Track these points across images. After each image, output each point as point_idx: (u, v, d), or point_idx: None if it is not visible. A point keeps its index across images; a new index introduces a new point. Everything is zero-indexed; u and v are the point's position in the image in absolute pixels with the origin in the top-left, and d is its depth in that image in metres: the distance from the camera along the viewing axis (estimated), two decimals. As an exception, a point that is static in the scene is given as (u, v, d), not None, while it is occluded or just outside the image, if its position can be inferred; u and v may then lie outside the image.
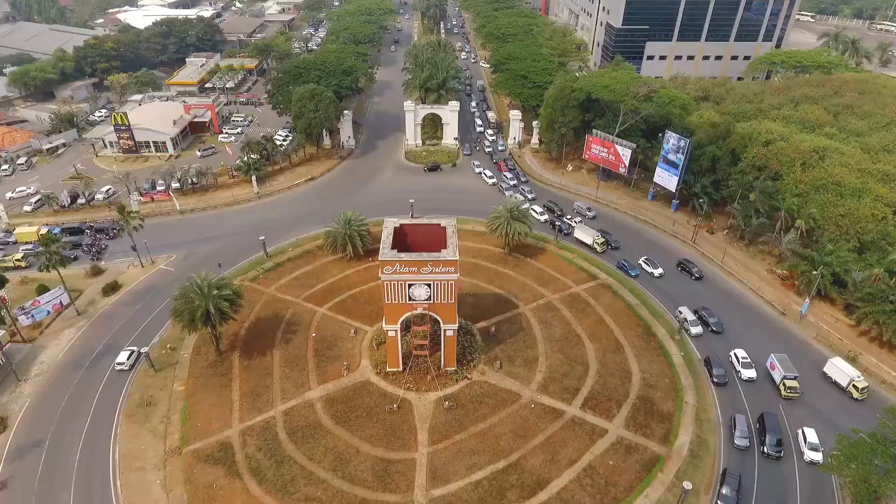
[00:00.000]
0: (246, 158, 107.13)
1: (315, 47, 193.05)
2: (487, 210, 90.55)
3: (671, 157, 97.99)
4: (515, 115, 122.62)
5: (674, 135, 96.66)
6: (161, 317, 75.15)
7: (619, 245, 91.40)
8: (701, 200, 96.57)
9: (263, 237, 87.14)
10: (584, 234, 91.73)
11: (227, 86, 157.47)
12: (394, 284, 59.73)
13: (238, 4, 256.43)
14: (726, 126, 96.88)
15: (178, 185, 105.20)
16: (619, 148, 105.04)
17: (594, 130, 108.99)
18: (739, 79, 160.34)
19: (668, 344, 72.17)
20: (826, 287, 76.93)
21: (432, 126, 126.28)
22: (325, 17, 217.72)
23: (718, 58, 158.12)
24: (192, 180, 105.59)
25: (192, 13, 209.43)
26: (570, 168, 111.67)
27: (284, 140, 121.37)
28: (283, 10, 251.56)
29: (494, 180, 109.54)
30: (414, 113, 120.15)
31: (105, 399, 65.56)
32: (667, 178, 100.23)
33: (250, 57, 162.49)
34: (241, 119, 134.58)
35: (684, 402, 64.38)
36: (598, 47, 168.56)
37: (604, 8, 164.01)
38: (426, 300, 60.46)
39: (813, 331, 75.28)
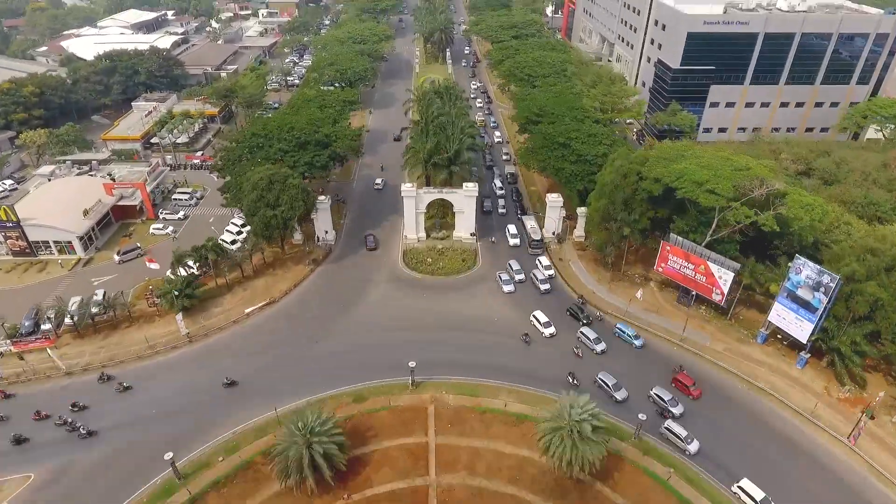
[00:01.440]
0: (175, 277, 74.47)
1: (297, 81, 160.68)
2: (529, 366, 62.32)
3: (804, 294, 65.01)
4: (554, 200, 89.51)
5: (812, 265, 63.78)
6: None
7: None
8: (849, 362, 63.72)
9: (171, 455, 53.79)
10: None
11: (179, 140, 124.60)
12: None
13: (214, 24, 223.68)
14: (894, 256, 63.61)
15: (72, 320, 72.25)
16: (713, 266, 72.27)
17: (671, 235, 76.43)
18: (823, 130, 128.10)
19: None
20: None
21: (440, 207, 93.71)
22: (310, 44, 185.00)
23: (799, 104, 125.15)
24: (92, 314, 72.62)
25: (153, 38, 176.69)
26: (640, 295, 78.39)
27: (239, 234, 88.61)
28: (266, 30, 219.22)
29: (552, 330, 73.07)
30: (416, 200, 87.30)
31: None
32: (793, 322, 67.22)
33: (210, 101, 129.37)
34: (186, 197, 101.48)
35: None
36: (643, 87, 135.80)
37: (652, 40, 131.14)
38: None
39: None
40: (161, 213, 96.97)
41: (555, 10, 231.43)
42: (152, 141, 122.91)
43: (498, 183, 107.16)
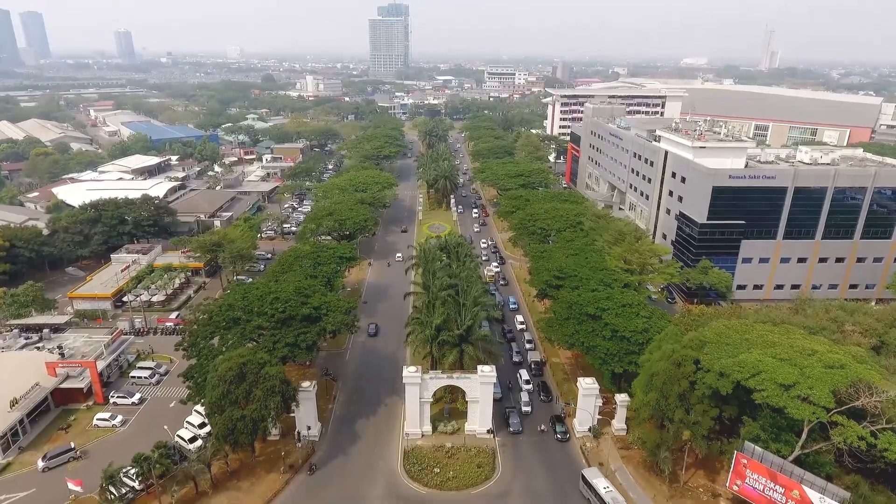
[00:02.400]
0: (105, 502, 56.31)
1: (294, 228, 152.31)
2: None
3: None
4: (589, 387, 73.55)
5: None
6: None
7: None
8: None
9: None
10: None
11: (155, 298, 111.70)
12: None
13: (217, 169, 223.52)
14: None
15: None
16: (811, 494, 54.73)
17: (746, 443, 59.78)
18: (869, 287, 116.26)
19: None
20: None
21: (449, 388, 77.65)
22: (311, 189, 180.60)
23: (839, 260, 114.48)
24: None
25: (149, 184, 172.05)
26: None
27: (202, 427, 71.55)
28: (268, 175, 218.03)
29: None
30: (420, 387, 71.54)
31: None
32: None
33: (194, 254, 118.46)
34: (147, 375, 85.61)
35: None
36: (664, 240, 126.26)
37: (670, 192, 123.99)
38: None
39: None
40: (112, 396, 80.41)
41: (557, 157, 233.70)
42: (124, 299, 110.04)
43: (524, 375, 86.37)
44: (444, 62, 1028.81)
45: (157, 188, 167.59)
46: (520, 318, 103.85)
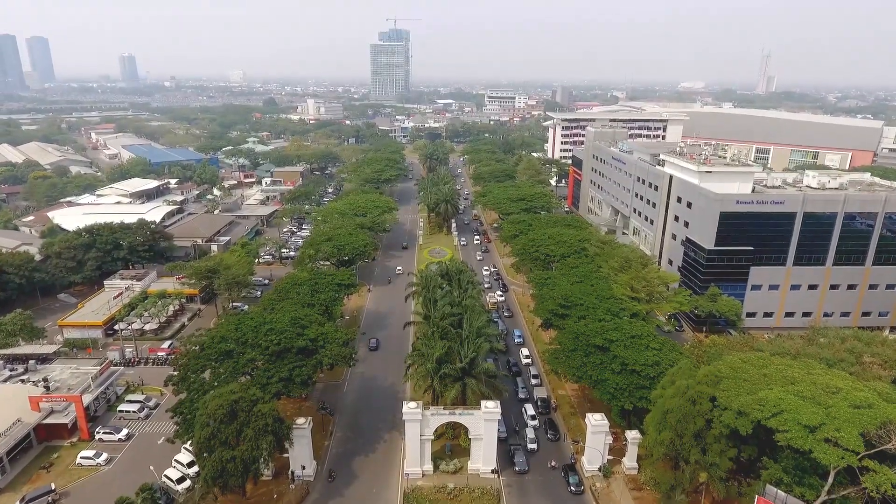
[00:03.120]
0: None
1: (292, 253, 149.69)
2: None
3: None
4: (598, 424, 69.97)
5: None
6: None
7: None
8: None
9: None
10: None
11: (147, 327, 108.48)
12: None
13: (216, 192, 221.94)
14: None
15: None
16: (841, 544, 50.80)
17: (767, 486, 56.13)
18: (882, 315, 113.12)
19: None
20: None
21: (449, 427, 74.13)
22: (311, 213, 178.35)
23: (851, 286, 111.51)
24: None
25: (146, 209, 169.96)
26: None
27: (191, 466, 67.81)
28: (268, 199, 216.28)
29: None
30: (420, 424, 68.03)
31: None
32: None
33: (189, 280, 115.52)
34: (136, 408, 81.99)
35: None
36: (670, 266, 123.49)
37: (676, 217, 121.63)
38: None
39: None
40: (98, 432, 76.71)
41: (558, 180, 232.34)
42: (116, 327, 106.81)
43: (530, 410, 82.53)
44: (445, 86, 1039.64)
45: (155, 212, 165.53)
46: (525, 351, 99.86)
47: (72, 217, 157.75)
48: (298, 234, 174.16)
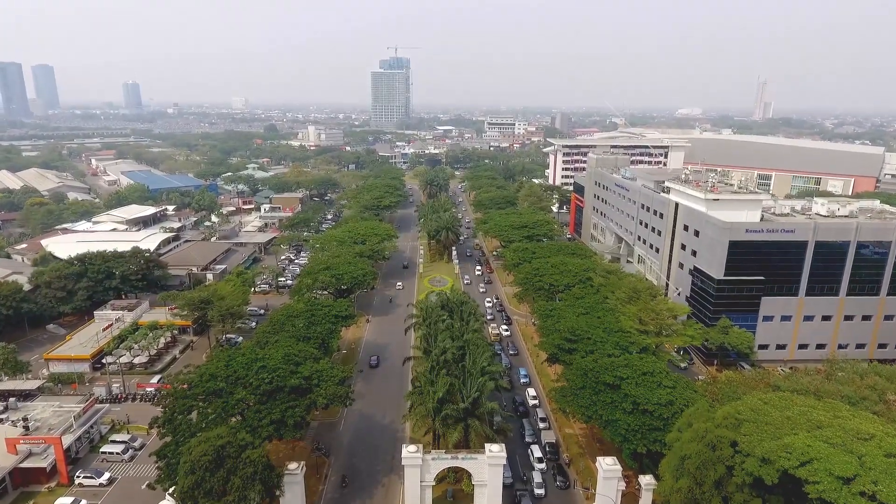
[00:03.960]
0: None
1: (290, 282, 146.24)
2: None
3: None
4: (611, 468, 65.57)
5: None
6: None
7: None
8: None
9: None
10: None
11: (137, 360, 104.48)
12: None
13: (214, 219, 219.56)
14: None
15: None
16: None
17: (796, 542, 51.68)
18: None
19: None
20: None
21: (451, 470, 69.61)
22: (309, 241, 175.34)
23: (866, 318, 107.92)
24: None
25: (142, 236, 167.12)
26: None
27: (173, 517, 63.19)
28: (266, 225, 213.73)
29: None
30: (420, 469, 63.77)
31: None
32: None
33: (181, 311, 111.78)
34: (120, 449, 77.48)
35: None
36: (677, 295, 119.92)
37: (683, 246, 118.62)
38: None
39: None
40: (78, 476, 72.22)
41: (560, 207, 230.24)
42: (104, 361, 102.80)
43: (536, 452, 77.75)
44: (445, 113, 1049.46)
45: (150, 240, 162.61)
46: (532, 391, 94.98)
47: (65, 245, 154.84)
48: (296, 261, 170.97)
